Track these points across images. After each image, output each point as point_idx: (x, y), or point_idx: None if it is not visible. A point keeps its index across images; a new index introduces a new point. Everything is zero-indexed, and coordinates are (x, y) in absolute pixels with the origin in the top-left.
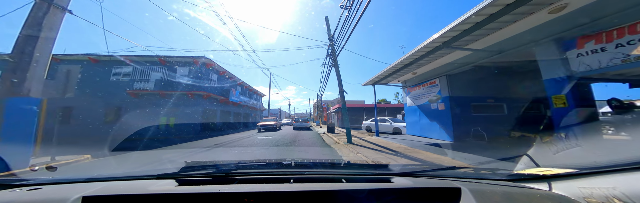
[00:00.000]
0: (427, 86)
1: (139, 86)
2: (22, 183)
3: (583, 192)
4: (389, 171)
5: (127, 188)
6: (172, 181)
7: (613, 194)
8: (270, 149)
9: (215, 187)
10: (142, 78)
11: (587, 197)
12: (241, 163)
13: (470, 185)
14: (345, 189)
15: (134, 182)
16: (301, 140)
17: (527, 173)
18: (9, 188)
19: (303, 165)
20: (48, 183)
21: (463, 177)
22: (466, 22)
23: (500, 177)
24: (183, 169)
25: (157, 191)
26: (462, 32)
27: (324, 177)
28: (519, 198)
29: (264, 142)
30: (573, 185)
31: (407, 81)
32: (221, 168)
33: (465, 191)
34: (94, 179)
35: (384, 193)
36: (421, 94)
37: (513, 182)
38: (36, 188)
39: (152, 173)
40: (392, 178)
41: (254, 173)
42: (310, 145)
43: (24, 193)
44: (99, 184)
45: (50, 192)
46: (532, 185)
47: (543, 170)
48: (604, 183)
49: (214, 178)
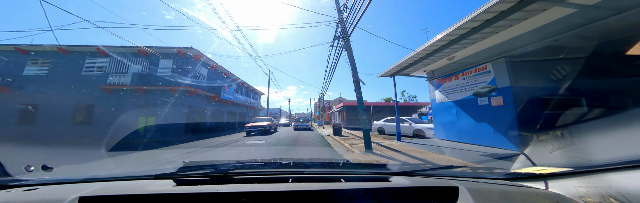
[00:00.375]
0: (471, 75)
1: (114, 81)
2: (18, 183)
3: (579, 190)
4: (388, 170)
5: (124, 188)
6: (170, 181)
7: (608, 193)
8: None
9: (214, 186)
10: (119, 71)
11: (583, 196)
12: (239, 163)
13: (467, 184)
14: (344, 189)
15: (131, 182)
16: (302, 148)
17: (524, 172)
18: (5, 189)
19: (302, 165)
20: (44, 184)
21: (461, 176)
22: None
23: (498, 175)
24: (181, 169)
25: (155, 191)
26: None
27: (323, 176)
28: (516, 196)
29: (251, 152)
30: (569, 184)
31: (435, 71)
32: (219, 168)
33: (463, 190)
34: (91, 179)
35: (382, 193)
36: (460, 86)
37: (510, 181)
38: (32, 189)
39: (150, 174)
40: (390, 177)
41: (252, 173)
42: (315, 155)
43: (20, 194)
44: (96, 184)
45: (47, 192)
46: (529, 184)
47: (539, 169)
48: (600, 182)
49: (212, 178)
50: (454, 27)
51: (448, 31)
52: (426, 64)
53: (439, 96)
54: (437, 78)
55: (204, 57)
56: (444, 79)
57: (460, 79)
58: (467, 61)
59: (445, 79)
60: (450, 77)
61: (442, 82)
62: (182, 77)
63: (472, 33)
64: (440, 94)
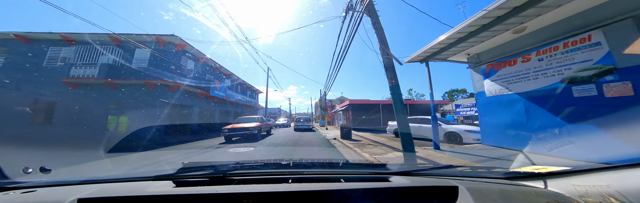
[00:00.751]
0: (557, 52)
1: (79, 73)
2: (16, 186)
3: (578, 189)
4: (387, 170)
5: (123, 190)
6: (169, 182)
7: (607, 192)
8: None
9: (213, 187)
10: (87, 62)
11: (582, 195)
12: (239, 164)
13: (467, 184)
14: (344, 189)
15: (130, 183)
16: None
17: (523, 171)
18: (3, 191)
19: (301, 165)
20: (42, 186)
21: (460, 175)
22: None
23: (497, 175)
24: (180, 170)
25: (155, 192)
26: None
27: (323, 176)
28: (515, 195)
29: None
30: (568, 183)
31: (483, 53)
32: (219, 169)
33: (463, 189)
34: (90, 181)
35: (382, 193)
36: (534, 71)
37: (509, 180)
38: (30, 191)
39: (149, 175)
40: (390, 177)
41: (252, 173)
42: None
43: (18, 196)
44: (94, 186)
45: (45, 194)
46: (528, 183)
47: (538, 168)
48: (598, 181)
49: (212, 179)
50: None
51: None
52: (475, 42)
53: (493, 87)
54: (488, 62)
55: (187, 46)
56: (502, 62)
57: (532, 61)
58: (547, 32)
59: (503, 63)
60: (513, 59)
61: (497, 67)
62: (162, 69)
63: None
64: (495, 84)
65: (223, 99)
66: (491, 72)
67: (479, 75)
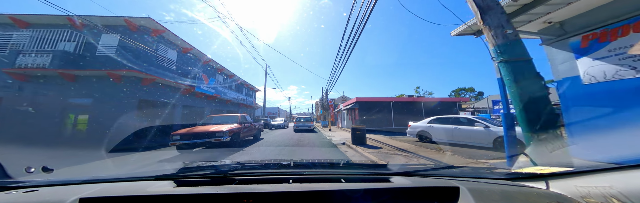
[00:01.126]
0: None
1: (27, 62)
2: (18, 185)
3: (580, 190)
4: (388, 171)
5: (125, 189)
6: (170, 182)
7: (610, 193)
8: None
9: (214, 187)
10: (41, 49)
11: (584, 196)
12: (240, 164)
13: (468, 184)
14: (344, 189)
15: (131, 183)
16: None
17: (525, 172)
18: (5, 191)
19: (302, 166)
20: (44, 185)
21: (461, 176)
22: None
23: (498, 175)
24: (181, 170)
25: (156, 192)
26: None
27: (323, 177)
28: (516, 196)
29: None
30: (570, 184)
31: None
32: (220, 169)
33: (464, 190)
34: (92, 181)
35: (383, 193)
36: None
37: (511, 181)
38: (32, 190)
39: (150, 175)
40: (391, 177)
41: (252, 173)
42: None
43: (20, 195)
44: (96, 186)
45: (47, 194)
46: (530, 184)
47: (540, 169)
48: (601, 182)
49: (213, 179)
50: None
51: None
52: (560, 4)
53: (598, 68)
54: (586, 32)
55: (170, 35)
56: (611, 31)
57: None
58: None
59: (612, 32)
60: (626, 25)
61: (601, 38)
62: (134, 59)
63: None
64: (604, 64)
65: (213, 97)
66: (593, 45)
67: (567, 53)
